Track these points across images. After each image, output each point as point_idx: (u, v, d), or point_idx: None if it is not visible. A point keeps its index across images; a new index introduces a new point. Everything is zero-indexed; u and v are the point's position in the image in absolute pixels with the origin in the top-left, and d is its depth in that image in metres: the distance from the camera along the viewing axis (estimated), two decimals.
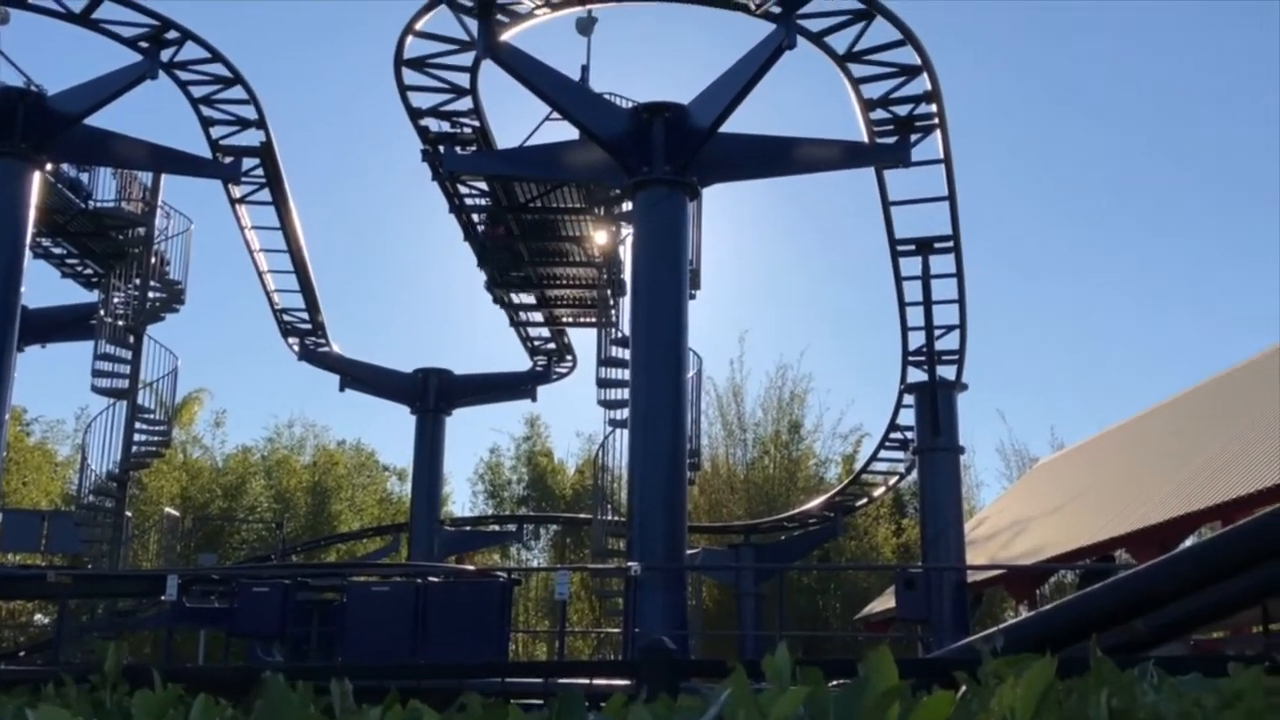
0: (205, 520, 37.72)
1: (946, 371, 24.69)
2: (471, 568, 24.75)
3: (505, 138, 19.78)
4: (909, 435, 26.19)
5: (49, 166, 20.47)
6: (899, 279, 23.65)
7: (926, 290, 23.62)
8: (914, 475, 26.74)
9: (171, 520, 30.73)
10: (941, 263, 23.39)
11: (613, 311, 22.46)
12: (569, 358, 28.98)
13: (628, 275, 19.68)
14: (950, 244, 22.73)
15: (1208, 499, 18.55)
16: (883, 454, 28.36)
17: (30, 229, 19.70)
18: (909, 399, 25.54)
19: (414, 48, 17.94)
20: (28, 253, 19.90)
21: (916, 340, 24.78)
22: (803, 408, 39.81)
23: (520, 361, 29.34)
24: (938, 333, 24.16)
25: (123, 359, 23.65)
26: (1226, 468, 19.42)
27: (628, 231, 20.36)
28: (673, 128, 17.14)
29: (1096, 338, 66.03)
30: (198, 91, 20.74)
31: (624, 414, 20.30)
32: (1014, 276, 66.49)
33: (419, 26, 17.48)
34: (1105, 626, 4.32)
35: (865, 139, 19.17)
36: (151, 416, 24.40)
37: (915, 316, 24.30)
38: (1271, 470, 17.40)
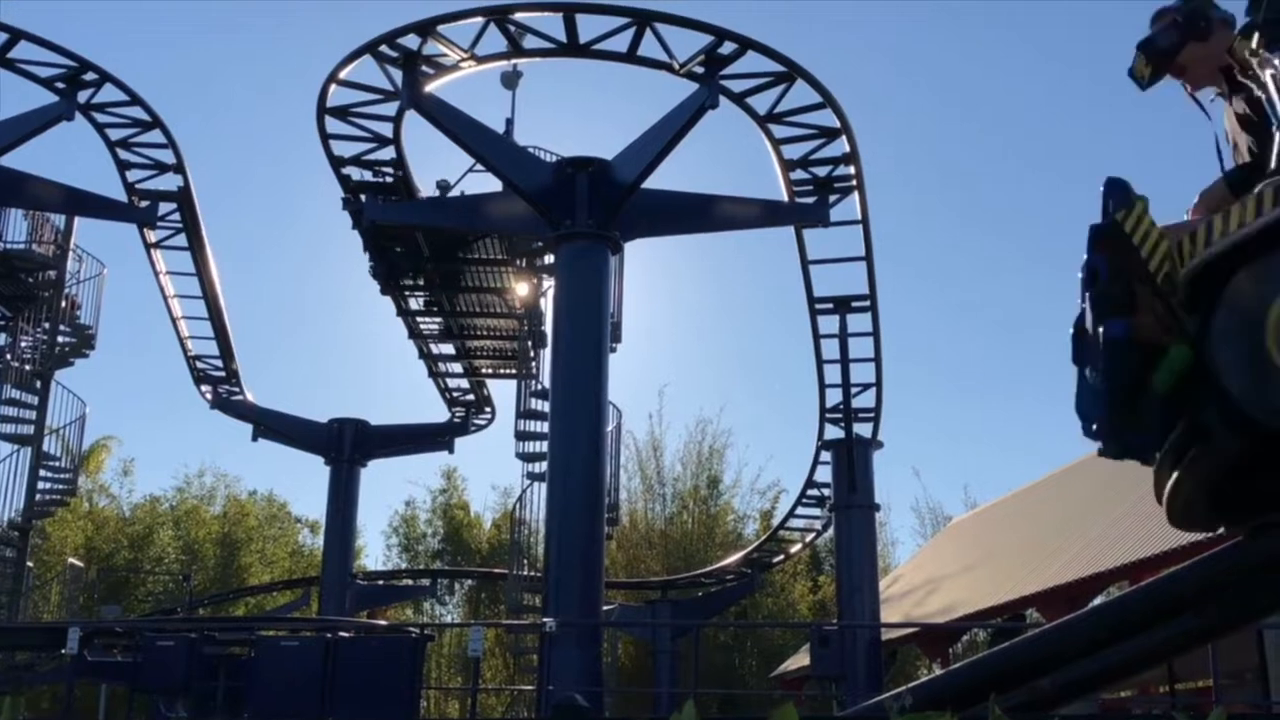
0: (110, 571, 36.71)
1: (863, 429, 24.94)
2: (383, 623, 24.35)
3: (428, 186, 19.75)
4: (826, 492, 26.37)
5: None
6: (817, 336, 23.93)
7: (844, 348, 23.92)
8: (830, 532, 26.88)
9: (75, 571, 29.84)
10: (859, 321, 23.73)
11: (533, 363, 22.41)
12: (488, 409, 28.80)
13: (549, 327, 19.67)
14: (867, 303, 23.07)
15: (1115, 559, 18.90)
16: (800, 510, 28.51)
17: None
18: (826, 455, 25.75)
19: (338, 96, 17.89)
20: None
21: (834, 397, 25.03)
22: (722, 463, 39.97)
23: (439, 413, 29.12)
24: (854, 390, 24.43)
25: (29, 404, 23.03)
26: (1134, 528, 19.80)
27: (550, 284, 20.37)
28: (596, 182, 17.25)
29: (1010, 396, 67.20)
30: (115, 134, 20.46)
31: (542, 467, 20.19)
32: (929, 334, 67.62)
33: (343, 75, 17.45)
34: (1011, 685, 4.35)
35: (785, 198, 19.45)
36: (57, 464, 23.77)
37: (833, 374, 24.57)
38: (1177, 531, 17.78)
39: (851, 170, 19.17)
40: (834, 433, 25.47)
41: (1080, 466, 30.27)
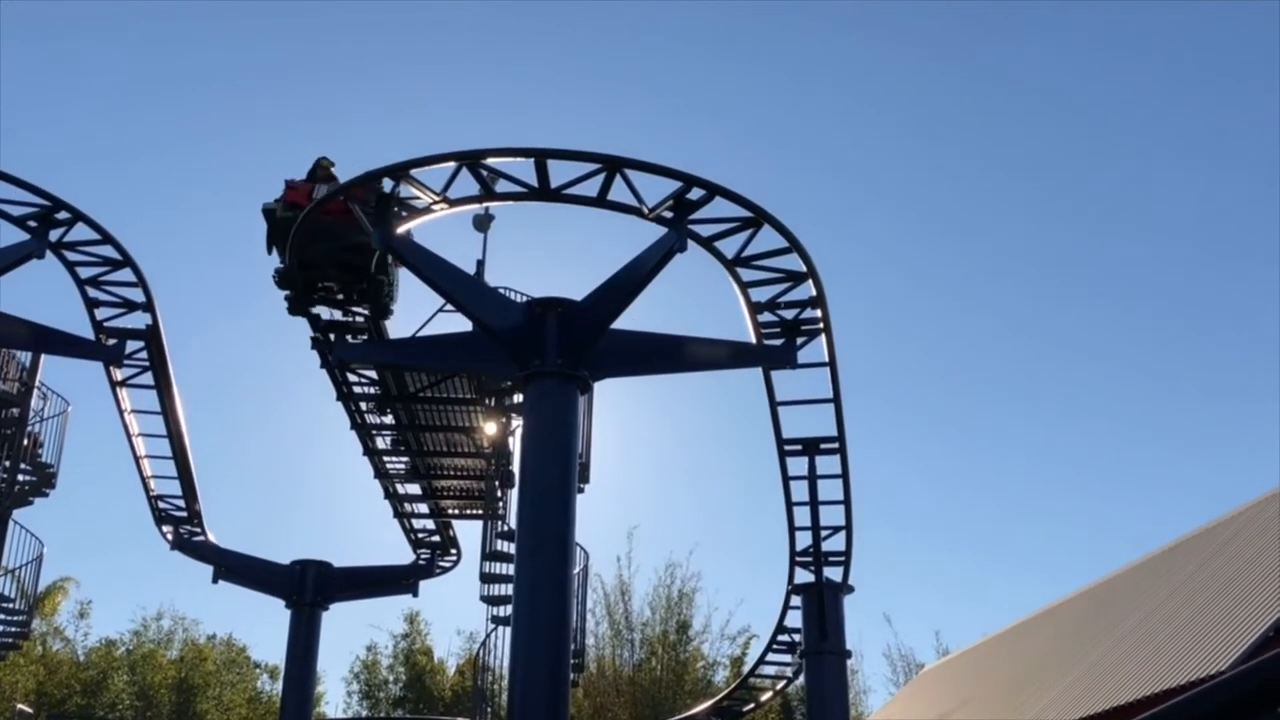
0: (61, 718, 35.52)
1: (833, 573, 24.73)
2: None
3: (398, 326, 19.81)
4: (797, 637, 25.99)
5: None
6: (786, 479, 23.85)
7: (813, 491, 23.83)
8: (802, 679, 26.40)
9: (24, 717, 28.88)
10: (828, 463, 23.69)
11: (500, 504, 22.20)
12: (454, 551, 28.40)
13: (516, 467, 19.52)
14: (836, 445, 23.07)
15: (1087, 707, 18.59)
16: (771, 656, 28.08)
17: None
18: (797, 600, 25.45)
19: None
20: None
21: (804, 540, 24.85)
22: (691, 607, 39.45)
23: (404, 554, 28.68)
24: (824, 533, 24.28)
25: None
26: (1106, 676, 19.55)
27: (518, 423, 20.30)
28: (565, 323, 17.30)
29: (980, 543, 67.01)
30: (85, 272, 20.47)
31: (507, 610, 19.83)
32: (899, 479, 67.60)
33: None
34: None
35: (754, 339, 19.58)
36: (11, 605, 23.20)
37: (802, 516, 24.43)
38: (1150, 678, 17.54)
39: (818, 314, 19.35)
40: (804, 576, 25.23)
41: (1051, 612, 30.03)
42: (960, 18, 70.68)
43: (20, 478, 23.53)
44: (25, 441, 23.54)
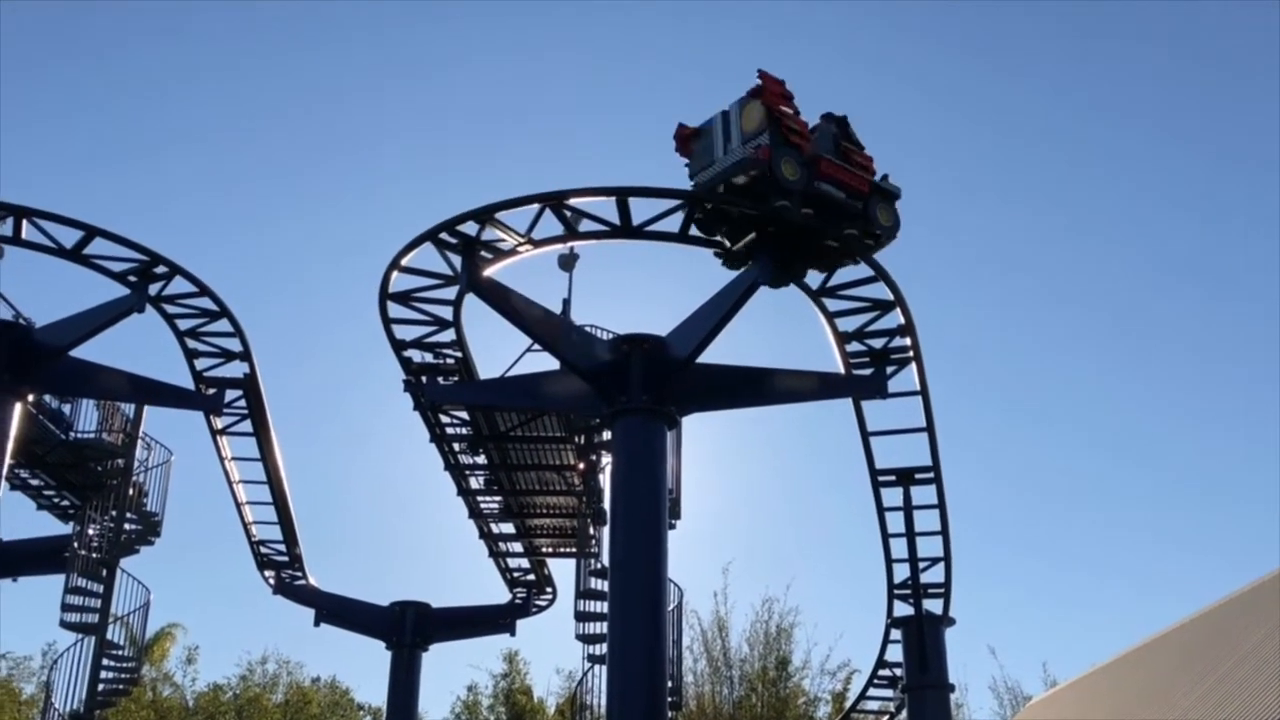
0: None
1: (933, 605, 24.34)
2: None
3: (488, 367, 20.00)
4: (898, 672, 25.58)
5: (31, 398, 20.51)
6: (881, 510, 23.56)
7: (909, 522, 23.51)
8: (905, 714, 25.93)
9: None
10: (924, 493, 23.36)
11: (593, 541, 22.23)
12: (549, 590, 28.46)
13: (608, 504, 19.54)
14: (931, 475, 22.74)
15: None
16: (872, 691, 27.65)
17: (8, 460, 19.53)
18: (897, 634, 25.07)
19: (399, 282, 18.28)
20: (4, 484, 19.68)
21: (902, 572, 24.51)
22: (790, 642, 38.92)
23: (499, 594, 28.82)
24: (922, 565, 23.93)
25: (94, 593, 23.08)
26: (1226, 701, 18.90)
27: (608, 460, 20.33)
28: (651, 359, 17.35)
29: (1087, 570, 65.40)
30: (184, 324, 20.96)
31: (603, 648, 19.78)
32: (1003, 506, 66.36)
33: (404, 262, 17.86)
34: None
35: (842, 370, 19.42)
36: (121, 653, 23.68)
37: (899, 548, 24.11)
38: (1266, 708, 16.93)
39: (908, 341, 19.13)
40: (903, 609, 24.86)
41: (1161, 640, 29.15)
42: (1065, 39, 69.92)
43: (126, 527, 24.09)
44: (130, 491, 24.15)
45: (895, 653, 25.51)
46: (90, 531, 23.43)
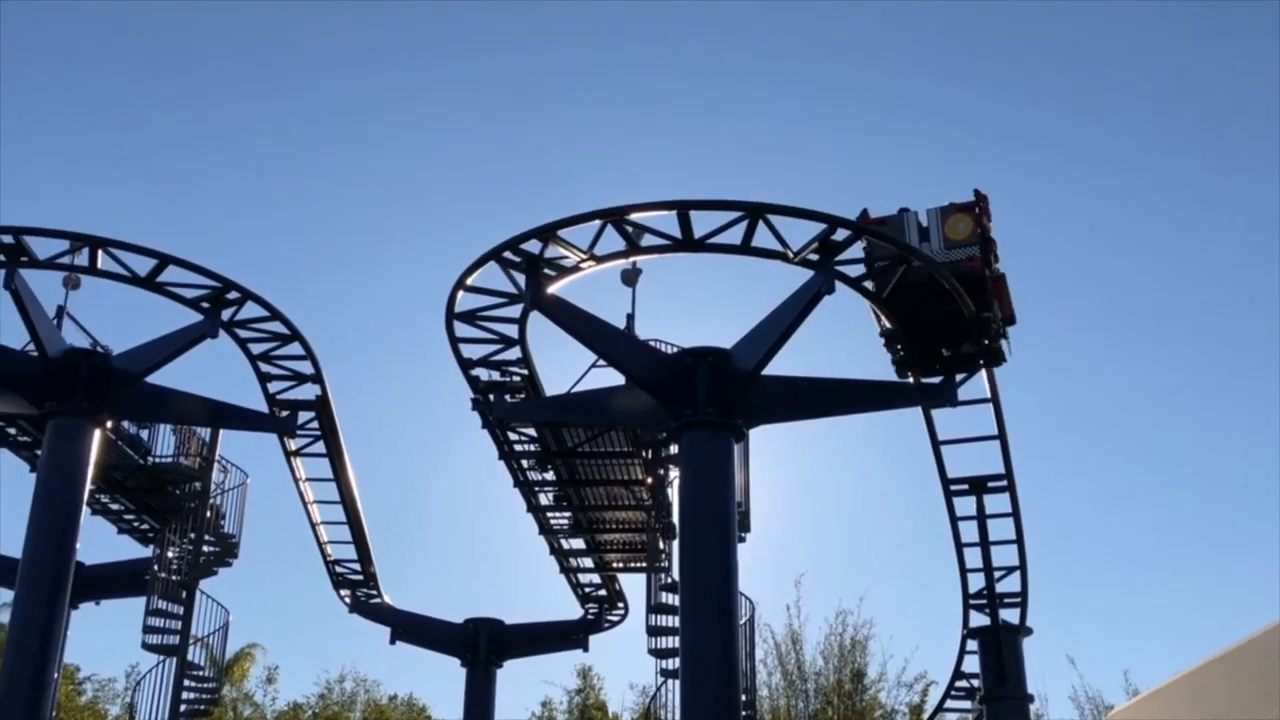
0: None
1: (1010, 615, 24.05)
2: None
3: (553, 383, 20.10)
4: (975, 683, 25.27)
5: (109, 424, 20.97)
6: (954, 519, 23.33)
7: (983, 531, 23.27)
8: None
9: None
10: (997, 501, 23.10)
11: (663, 556, 22.22)
12: (621, 605, 28.50)
13: (676, 518, 19.52)
14: (1004, 483, 22.48)
15: None
16: (950, 703, 27.33)
17: (89, 486, 19.97)
18: (973, 644, 24.78)
19: (464, 301, 18.46)
20: (85, 509, 20.10)
21: (977, 582, 24.25)
22: (865, 655, 38.44)
23: (572, 610, 28.89)
24: (998, 574, 23.67)
25: (174, 614, 23.51)
26: None
27: (676, 474, 20.33)
28: (716, 372, 17.33)
29: (1167, 576, 64.06)
30: (256, 348, 21.33)
31: (676, 663, 19.77)
32: (1079, 512, 65.30)
33: (470, 282, 18.03)
34: None
35: (911, 379, 19.23)
36: (201, 673, 24.07)
37: (974, 558, 23.87)
38: None
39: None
40: (979, 620, 24.57)
41: (1249, 646, 28.48)
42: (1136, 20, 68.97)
43: (205, 549, 24.52)
44: (208, 514, 24.57)
45: (972, 663, 25.21)
46: (170, 554, 23.87)
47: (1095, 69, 70.89)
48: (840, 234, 16.82)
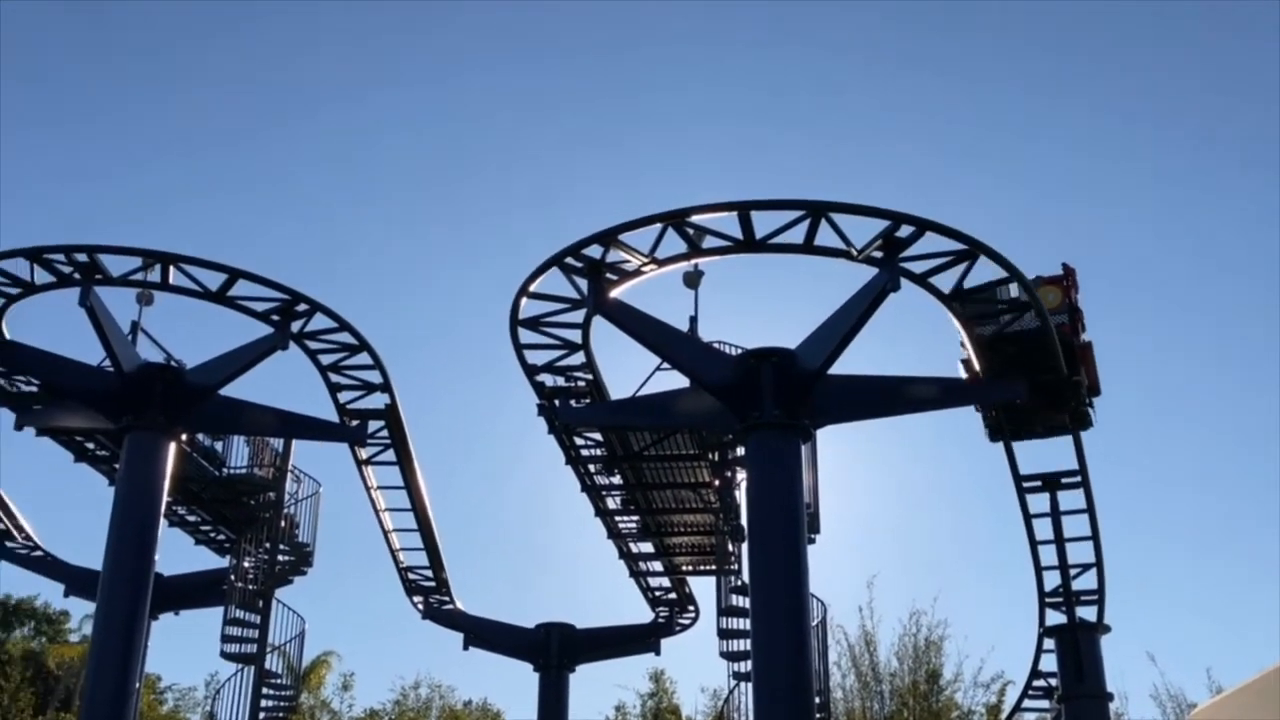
0: None
1: (1086, 612, 23.68)
2: None
3: (618, 387, 20.11)
4: (1053, 682, 24.89)
5: (185, 437, 21.32)
6: (1027, 516, 23.02)
7: (1057, 528, 22.95)
8: None
9: None
10: (1071, 498, 22.75)
11: (732, 558, 22.14)
12: (691, 608, 28.44)
13: (745, 520, 19.44)
14: (1078, 479, 22.12)
15: None
16: (1028, 703, 26.93)
17: (165, 498, 20.31)
18: (1049, 643, 24.43)
19: (528, 308, 18.54)
20: (162, 521, 20.45)
21: (1053, 580, 23.90)
22: (940, 655, 38.02)
23: (642, 613, 28.89)
24: (1074, 571, 23.33)
25: (251, 623, 23.87)
26: None
27: (743, 476, 20.25)
28: (781, 372, 17.24)
29: (1248, 569, 62.64)
30: (326, 359, 21.55)
31: (747, 666, 19.67)
32: (1155, 506, 64.10)
33: (533, 288, 18.10)
34: None
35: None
36: (279, 681, 24.43)
37: (1049, 555, 23.53)
38: None
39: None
40: (1056, 618, 24.22)
41: None
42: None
43: (280, 558, 24.87)
44: (283, 523, 24.92)
45: (1050, 662, 24.84)
46: (246, 564, 24.25)
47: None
48: (904, 230, 16.63)
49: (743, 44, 74.87)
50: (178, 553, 31.65)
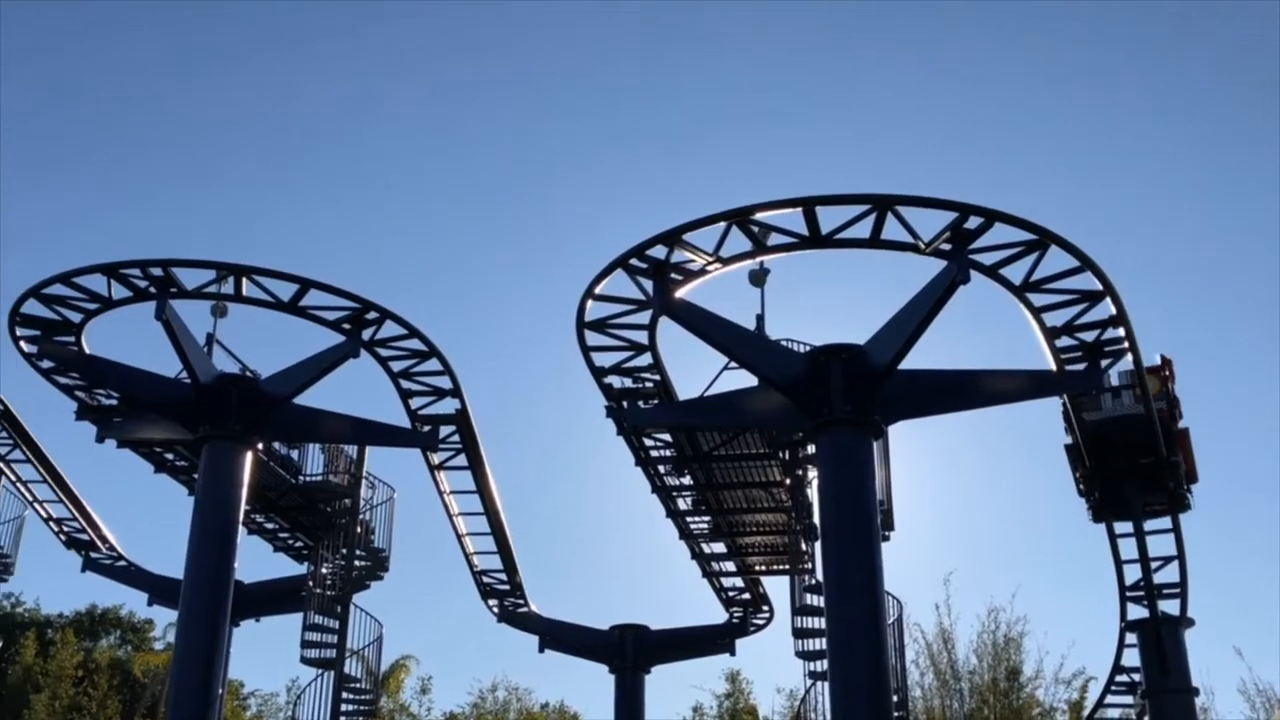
0: None
1: (1169, 606, 23.21)
2: None
3: (686, 387, 20.07)
4: (1136, 677, 24.46)
5: (261, 446, 21.63)
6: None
7: (1137, 521, 22.50)
8: None
9: None
10: None
11: (806, 557, 22.00)
12: (766, 608, 28.31)
13: (817, 519, 19.29)
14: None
15: None
16: (1110, 699, 26.50)
17: (244, 506, 20.61)
18: (1132, 638, 24.02)
19: (594, 310, 18.56)
20: (241, 529, 20.76)
21: (1133, 574, 23.48)
22: (1020, 652, 37.46)
23: (716, 614, 28.82)
24: (1155, 565, 22.88)
25: (330, 629, 24.19)
26: None
27: (814, 474, 20.12)
28: (850, 369, 17.08)
29: None
30: (396, 366, 21.76)
31: (823, 665, 19.57)
32: (1238, 496, 62.71)
33: (598, 290, 18.12)
34: None
35: (1053, 366, 18.67)
36: (358, 685, 24.71)
37: (1128, 548, 23.11)
38: None
39: (1121, 332, 18.25)
40: (1138, 612, 23.81)
41: None
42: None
43: (357, 563, 25.16)
44: (358, 529, 25.21)
45: (1132, 658, 24.41)
46: (323, 570, 24.57)
47: None
48: (973, 221, 16.42)
49: (794, 46, 74.47)
50: (257, 560, 32.20)
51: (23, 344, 20.57)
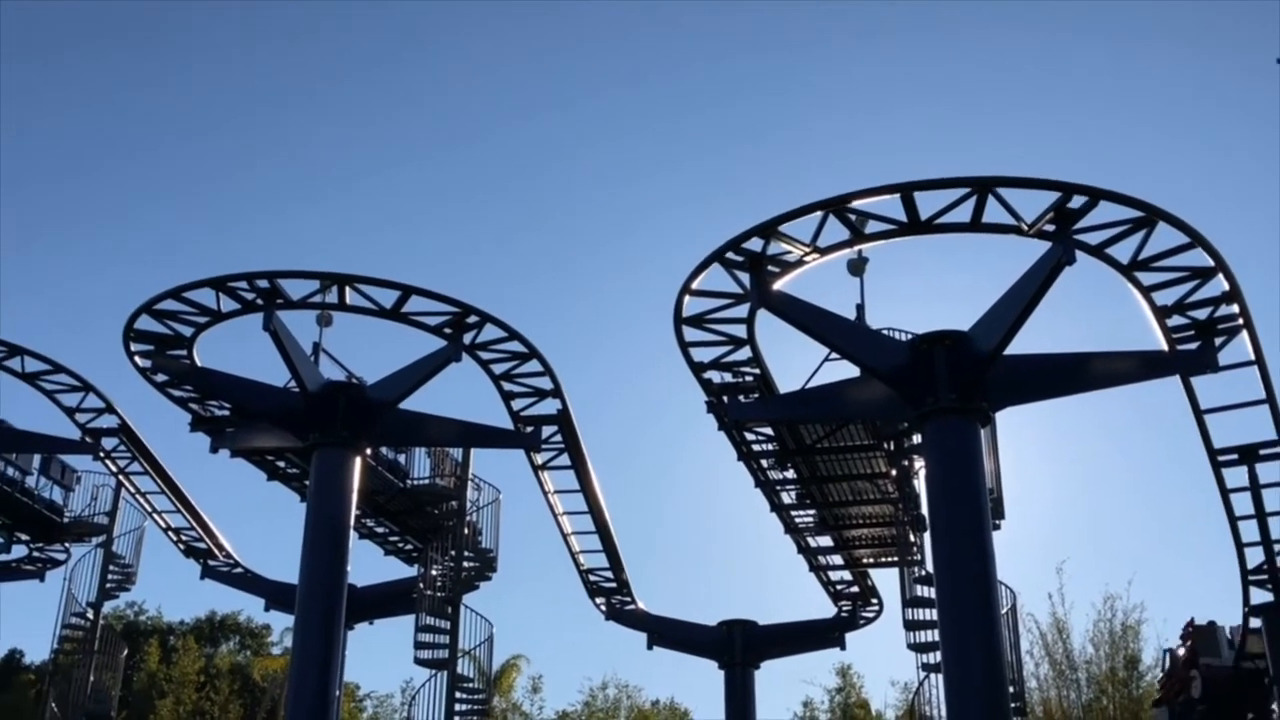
0: None
1: None
2: None
3: (786, 380, 19.93)
4: (1261, 663, 23.73)
5: (369, 451, 22.00)
6: (1225, 492, 21.95)
7: (1258, 502, 21.84)
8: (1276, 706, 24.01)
9: None
10: (1271, 470, 21.62)
11: (915, 548, 21.73)
12: (875, 600, 28.04)
13: (926, 509, 19.04)
14: (1278, 450, 20.99)
15: None
16: None
17: (354, 511, 20.98)
18: (1256, 622, 23.33)
19: (691, 306, 18.51)
20: (352, 534, 21.13)
21: (1255, 557, 22.78)
22: (1138, 640, 36.71)
23: (824, 608, 28.62)
24: (1278, 548, 22.14)
25: (442, 630, 24.50)
26: None
27: (921, 464, 19.85)
28: (954, 356, 16.80)
29: None
30: (498, 368, 21.96)
31: (936, 657, 19.31)
32: None
33: (695, 285, 18.07)
34: None
35: (1164, 346, 18.17)
36: (471, 685, 25.00)
37: (1250, 531, 22.40)
38: None
39: (1235, 309, 17.69)
40: (1261, 596, 23.10)
41: None
42: None
43: (466, 565, 25.47)
44: (466, 531, 25.52)
45: (1257, 643, 23.71)
46: (433, 572, 24.91)
47: None
48: (1076, 200, 16.03)
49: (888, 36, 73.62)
50: (370, 564, 32.76)
51: (138, 359, 21.15)
